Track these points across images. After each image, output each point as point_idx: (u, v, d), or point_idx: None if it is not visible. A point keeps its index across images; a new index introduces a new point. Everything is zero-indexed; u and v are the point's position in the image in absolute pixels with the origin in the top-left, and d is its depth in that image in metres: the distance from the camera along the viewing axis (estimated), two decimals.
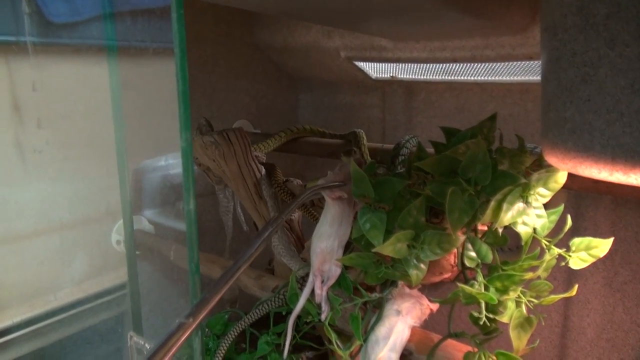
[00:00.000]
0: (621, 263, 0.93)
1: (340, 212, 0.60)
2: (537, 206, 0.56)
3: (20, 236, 1.01)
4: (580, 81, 0.41)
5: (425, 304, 0.61)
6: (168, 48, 0.57)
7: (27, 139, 1.05)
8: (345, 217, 0.60)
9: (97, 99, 1.08)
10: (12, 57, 1.07)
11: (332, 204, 0.60)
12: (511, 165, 0.57)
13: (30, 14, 1.09)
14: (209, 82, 1.16)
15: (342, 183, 0.58)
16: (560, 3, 0.42)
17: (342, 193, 0.58)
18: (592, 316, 0.97)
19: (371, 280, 0.58)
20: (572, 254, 0.57)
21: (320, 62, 1.19)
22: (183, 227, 1.10)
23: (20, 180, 1.01)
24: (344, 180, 0.58)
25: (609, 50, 0.39)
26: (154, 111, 1.02)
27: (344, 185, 0.57)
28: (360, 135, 0.94)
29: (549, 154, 0.47)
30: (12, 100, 1.05)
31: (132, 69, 1.19)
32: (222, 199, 1.00)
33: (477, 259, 0.57)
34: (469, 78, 1.08)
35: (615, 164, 0.39)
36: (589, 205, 0.96)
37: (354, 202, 0.60)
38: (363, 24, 0.85)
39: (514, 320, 0.56)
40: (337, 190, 0.57)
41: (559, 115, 0.44)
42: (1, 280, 0.99)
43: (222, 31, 1.16)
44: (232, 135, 0.86)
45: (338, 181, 0.58)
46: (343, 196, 0.58)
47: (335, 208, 0.60)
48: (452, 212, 0.53)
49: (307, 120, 1.38)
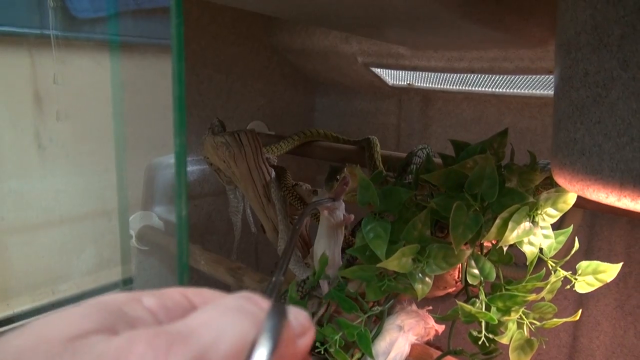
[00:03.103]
0: (634, 286, 0.90)
1: (334, 224, 0.63)
2: (544, 226, 0.54)
3: (28, 227, 1.03)
4: (592, 102, 0.40)
5: (430, 324, 0.60)
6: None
7: (46, 130, 1.06)
8: (339, 228, 0.65)
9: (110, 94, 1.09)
10: (35, 50, 1.10)
11: (327, 218, 0.63)
12: (520, 182, 0.56)
13: (55, 8, 1.11)
14: (225, 83, 1.16)
15: (332, 199, 0.62)
16: (574, 21, 0.41)
17: (333, 207, 0.62)
18: (602, 338, 0.95)
19: (373, 296, 0.57)
20: (579, 277, 0.55)
21: (337, 67, 1.19)
22: (192, 225, 1.11)
23: (34, 172, 1.03)
24: (335, 196, 0.62)
25: (622, 72, 0.37)
26: (160, 107, 1.02)
27: (334, 201, 0.62)
28: (373, 143, 0.93)
29: (558, 175, 0.46)
30: (34, 92, 1.07)
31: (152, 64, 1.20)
32: (232, 200, 1.00)
33: (480, 277, 0.55)
34: (486, 89, 1.06)
35: (623, 190, 0.38)
36: (605, 225, 0.93)
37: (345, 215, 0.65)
38: (380, 32, 0.84)
39: (514, 342, 0.55)
40: (329, 205, 0.62)
41: (569, 136, 0.43)
42: (9, 270, 1.00)
43: (240, 33, 1.16)
44: (244, 136, 0.86)
45: (329, 197, 0.62)
46: (334, 210, 0.63)
47: (330, 221, 0.63)
48: (456, 227, 0.52)
49: (323, 124, 1.38)
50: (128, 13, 1.06)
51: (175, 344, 0.15)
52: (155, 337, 0.15)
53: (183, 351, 0.15)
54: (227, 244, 1.13)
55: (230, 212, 1.02)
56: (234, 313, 0.17)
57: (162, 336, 0.15)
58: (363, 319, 0.59)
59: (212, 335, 0.15)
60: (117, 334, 0.16)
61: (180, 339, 0.15)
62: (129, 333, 0.15)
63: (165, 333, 0.15)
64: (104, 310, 0.16)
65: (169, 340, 0.15)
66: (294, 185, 0.88)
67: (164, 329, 0.15)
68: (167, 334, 0.15)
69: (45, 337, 0.15)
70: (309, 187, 0.89)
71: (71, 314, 0.16)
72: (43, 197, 1.03)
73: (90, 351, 0.14)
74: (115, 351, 0.14)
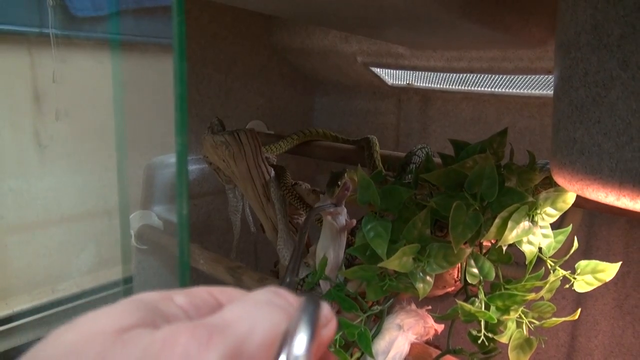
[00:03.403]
0: (633, 286, 0.90)
1: (337, 228, 0.65)
2: (543, 225, 0.55)
3: (27, 226, 1.03)
4: (592, 102, 0.40)
5: (430, 324, 0.60)
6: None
7: (45, 129, 1.06)
8: (342, 233, 0.67)
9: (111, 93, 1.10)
10: (34, 49, 1.09)
11: (330, 222, 0.66)
12: (519, 182, 0.56)
13: (55, 7, 1.11)
14: (225, 82, 1.16)
15: (335, 204, 0.64)
16: (574, 20, 0.41)
17: (336, 212, 0.64)
18: (600, 338, 0.95)
19: (374, 296, 0.57)
20: (578, 277, 0.55)
21: (337, 66, 1.19)
22: (191, 224, 1.11)
23: (34, 171, 1.03)
24: (337, 201, 0.65)
25: (621, 72, 0.37)
26: (161, 107, 1.02)
27: (337, 206, 0.64)
28: (373, 142, 0.93)
29: (557, 174, 0.46)
30: (33, 91, 1.07)
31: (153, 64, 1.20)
32: (232, 199, 1.00)
33: (479, 276, 0.56)
34: (486, 89, 1.06)
35: (622, 189, 0.38)
36: (603, 224, 0.94)
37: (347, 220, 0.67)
38: (380, 31, 0.84)
39: (514, 341, 0.55)
40: (332, 210, 0.64)
41: (569, 135, 0.43)
42: (8, 269, 1.00)
43: (240, 32, 1.16)
44: (243, 135, 0.86)
45: (331, 202, 0.65)
46: (337, 215, 0.65)
47: (333, 225, 0.65)
48: (456, 226, 0.52)
49: (322, 123, 1.38)
50: (128, 12, 1.06)
51: (215, 334, 0.16)
52: (196, 328, 0.16)
53: (222, 341, 0.16)
54: (226, 243, 1.13)
55: (230, 211, 1.02)
56: (265, 306, 0.18)
57: (202, 328, 0.16)
58: (363, 319, 0.59)
59: (246, 326, 0.17)
60: (158, 328, 0.17)
61: (218, 330, 0.16)
62: (171, 326, 0.16)
63: (205, 325, 0.16)
64: (142, 307, 0.18)
65: (209, 331, 0.16)
66: (293, 184, 0.88)
67: (203, 322, 0.17)
68: (206, 326, 0.16)
69: (95, 331, 0.16)
70: (309, 187, 0.89)
71: (113, 311, 0.17)
72: (42, 196, 1.03)
73: (139, 342, 0.16)
74: (161, 342, 0.16)
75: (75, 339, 0.16)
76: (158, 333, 0.16)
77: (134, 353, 0.15)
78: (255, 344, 0.16)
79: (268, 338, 0.17)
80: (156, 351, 0.15)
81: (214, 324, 0.17)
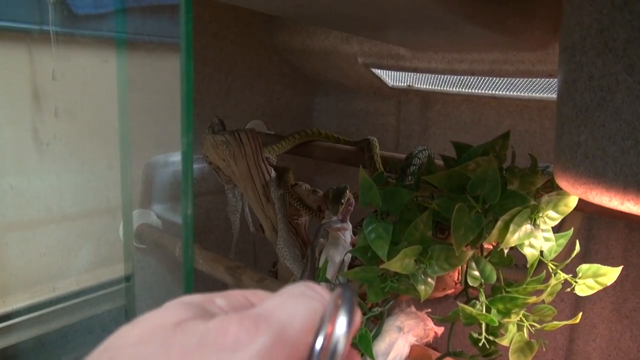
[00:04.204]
0: (631, 289, 0.91)
1: (342, 239, 0.71)
2: (545, 229, 0.55)
3: (28, 224, 1.03)
4: (596, 106, 0.40)
5: (429, 326, 0.60)
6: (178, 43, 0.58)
7: (44, 127, 1.06)
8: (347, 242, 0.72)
9: (113, 90, 1.09)
10: (34, 46, 1.09)
11: (334, 234, 0.70)
12: (521, 185, 0.56)
13: (55, 4, 1.11)
14: (225, 82, 1.16)
15: (340, 220, 0.70)
16: (580, 24, 0.41)
17: (341, 227, 0.70)
18: (598, 341, 0.95)
19: (375, 297, 0.57)
20: (579, 280, 0.55)
21: (337, 67, 1.19)
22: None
23: (34, 169, 1.03)
24: (342, 217, 0.71)
25: (627, 76, 0.37)
26: (165, 106, 1.02)
27: (341, 222, 0.71)
28: (373, 144, 0.93)
29: (560, 178, 0.46)
30: (32, 88, 1.07)
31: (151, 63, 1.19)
32: (231, 199, 1.00)
33: (481, 279, 0.56)
34: (486, 91, 1.06)
35: (626, 193, 0.38)
36: (602, 228, 0.94)
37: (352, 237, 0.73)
38: (382, 33, 0.84)
39: (514, 344, 0.55)
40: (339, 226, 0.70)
41: (573, 139, 0.43)
42: (8, 266, 1.00)
43: (241, 32, 1.16)
44: (244, 135, 0.86)
45: (337, 218, 0.71)
46: (342, 229, 0.71)
47: (337, 237, 0.70)
48: (458, 228, 0.52)
49: (322, 124, 1.38)
50: (130, 10, 1.05)
51: (260, 322, 0.18)
52: (243, 319, 0.18)
53: (267, 327, 0.18)
54: (225, 242, 1.13)
55: (229, 211, 1.02)
56: (300, 297, 0.20)
57: (248, 318, 0.18)
58: (363, 320, 0.59)
59: (287, 314, 0.19)
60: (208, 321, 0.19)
61: (263, 319, 0.18)
62: (221, 317, 0.19)
63: (250, 316, 0.19)
64: (190, 306, 0.20)
65: (255, 320, 0.18)
66: (293, 185, 0.88)
67: (248, 313, 0.19)
68: (252, 316, 0.19)
69: (157, 324, 0.19)
70: (309, 187, 0.89)
71: (168, 310, 0.20)
72: (42, 194, 1.03)
73: (196, 330, 0.18)
74: (215, 330, 0.18)
75: (141, 331, 0.19)
76: (211, 323, 0.18)
77: (192, 340, 0.18)
78: (297, 329, 0.18)
79: (307, 323, 0.19)
80: (212, 338, 0.18)
81: (258, 313, 0.19)
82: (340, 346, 0.18)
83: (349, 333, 0.19)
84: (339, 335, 0.19)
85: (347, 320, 0.19)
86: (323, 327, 0.19)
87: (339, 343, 0.18)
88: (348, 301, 0.19)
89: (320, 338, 0.19)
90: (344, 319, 0.19)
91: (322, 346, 0.18)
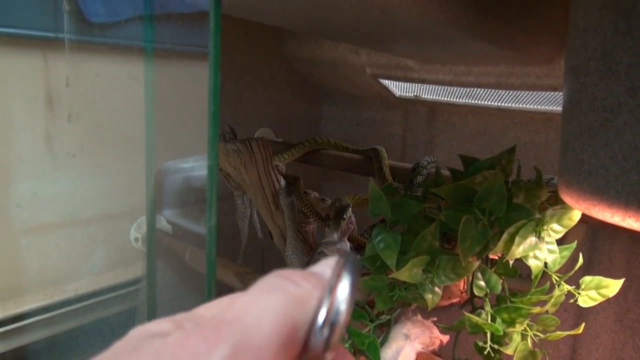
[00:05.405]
0: (634, 300, 0.92)
1: None
2: (549, 241, 0.56)
3: (44, 227, 1.05)
4: (599, 126, 0.42)
5: (435, 334, 0.61)
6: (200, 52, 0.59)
7: (57, 133, 1.08)
8: None
9: (126, 97, 1.11)
10: (49, 53, 1.11)
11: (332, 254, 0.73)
12: (527, 198, 0.58)
13: (70, 13, 1.13)
14: (236, 90, 1.19)
15: (339, 240, 0.73)
16: (584, 47, 0.43)
17: (340, 248, 0.73)
18: (601, 351, 0.96)
19: (383, 305, 0.59)
20: (582, 292, 0.57)
21: (345, 77, 1.21)
22: (200, 229, 1.13)
23: (49, 173, 1.05)
24: (342, 235, 0.74)
25: (629, 99, 0.39)
26: (180, 113, 1.04)
27: (340, 242, 0.74)
28: (382, 155, 0.95)
29: (565, 193, 0.48)
30: (47, 94, 1.09)
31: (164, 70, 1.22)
32: (240, 205, 1.02)
33: (486, 289, 0.57)
34: (492, 103, 1.08)
35: (628, 210, 0.40)
36: (605, 240, 0.95)
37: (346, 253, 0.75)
38: (390, 46, 0.86)
39: (518, 352, 0.56)
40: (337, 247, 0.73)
41: (577, 157, 0.45)
42: (23, 268, 1.02)
43: (252, 41, 1.18)
44: (255, 144, 0.88)
45: (336, 238, 0.74)
46: (340, 250, 0.75)
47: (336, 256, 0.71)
48: (464, 240, 0.54)
49: (329, 132, 1.40)
50: (151, 18, 1.08)
51: (222, 329, 0.16)
52: (205, 327, 0.17)
53: (229, 334, 0.16)
54: (233, 248, 1.15)
55: (238, 217, 1.04)
56: (270, 291, 0.18)
57: (210, 325, 0.17)
58: (371, 328, 0.60)
59: (253, 316, 0.17)
60: None
61: (225, 324, 0.17)
62: (182, 330, 0.17)
63: (212, 322, 0.17)
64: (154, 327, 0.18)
65: (216, 327, 0.17)
66: (303, 193, 0.90)
67: (212, 320, 0.17)
68: (214, 322, 0.17)
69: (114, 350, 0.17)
70: (317, 195, 0.91)
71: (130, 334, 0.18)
72: (55, 198, 1.05)
73: (151, 348, 0.16)
74: (173, 344, 0.16)
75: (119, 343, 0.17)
76: (170, 337, 0.17)
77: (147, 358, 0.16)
78: (264, 331, 0.17)
79: (278, 321, 0.17)
80: (169, 352, 0.16)
81: (222, 319, 0.17)
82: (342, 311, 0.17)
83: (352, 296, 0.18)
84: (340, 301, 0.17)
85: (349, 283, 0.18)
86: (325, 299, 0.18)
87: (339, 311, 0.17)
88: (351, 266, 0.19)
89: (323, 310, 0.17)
90: (346, 283, 0.18)
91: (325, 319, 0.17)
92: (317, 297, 0.18)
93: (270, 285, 0.18)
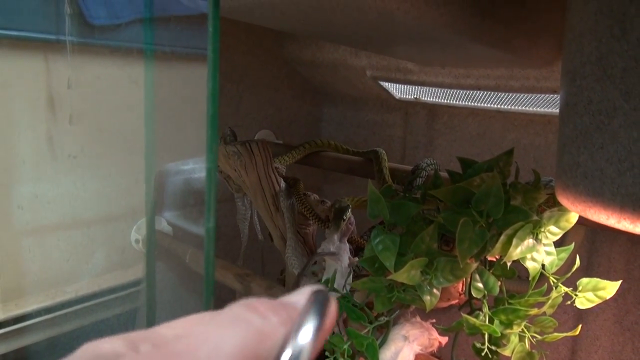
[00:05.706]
0: (633, 302, 0.92)
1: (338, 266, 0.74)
2: (547, 243, 0.57)
3: (45, 228, 1.05)
4: (595, 129, 0.42)
5: (434, 336, 0.62)
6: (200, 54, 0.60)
7: (59, 134, 1.09)
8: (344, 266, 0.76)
9: (127, 99, 1.12)
10: (51, 55, 1.12)
11: (330, 263, 0.75)
12: (524, 200, 0.58)
13: (72, 15, 1.14)
14: (236, 92, 1.19)
15: (335, 252, 0.74)
16: (580, 51, 0.44)
17: (336, 258, 0.74)
18: (600, 353, 0.97)
19: (382, 307, 0.59)
20: (579, 294, 0.57)
21: (346, 79, 1.22)
22: (200, 231, 1.13)
23: (50, 175, 1.05)
24: (342, 236, 0.75)
25: (624, 102, 0.40)
26: (180, 115, 1.05)
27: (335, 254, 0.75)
28: (382, 156, 0.95)
29: (561, 195, 0.48)
30: (48, 96, 1.10)
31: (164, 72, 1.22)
32: (240, 207, 1.03)
33: (484, 290, 0.58)
34: (492, 105, 1.08)
35: (623, 213, 0.40)
36: (604, 242, 0.95)
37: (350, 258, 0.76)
38: (389, 48, 0.87)
39: (516, 354, 0.57)
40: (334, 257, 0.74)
41: (573, 159, 0.45)
42: (24, 269, 1.02)
43: (252, 43, 1.19)
44: (255, 146, 0.89)
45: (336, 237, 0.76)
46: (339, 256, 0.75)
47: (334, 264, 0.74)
48: (462, 241, 0.54)
49: (329, 134, 1.41)
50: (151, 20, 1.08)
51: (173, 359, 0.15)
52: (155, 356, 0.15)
53: None
54: (233, 250, 1.15)
55: (238, 219, 1.04)
56: (232, 323, 0.17)
57: (161, 356, 0.16)
58: (370, 329, 0.61)
59: (207, 350, 0.16)
60: None
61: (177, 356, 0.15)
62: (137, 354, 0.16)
63: (164, 353, 0.16)
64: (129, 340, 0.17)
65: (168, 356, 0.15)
66: (303, 195, 0.91)
67: (163, 349, 0.16)
68: (165, 354, 0.16)
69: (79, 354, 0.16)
70: (317, 197, 0.91)
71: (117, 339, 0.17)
72: (56, 200, 1.06)
73: None
74: None
75: None
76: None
77: None
78: None
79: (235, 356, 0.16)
80: None
81: (173, 350, 0.16)
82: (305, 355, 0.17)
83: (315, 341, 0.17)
84: (302, 345, 0.17)
85: (313, 328, 0.17)
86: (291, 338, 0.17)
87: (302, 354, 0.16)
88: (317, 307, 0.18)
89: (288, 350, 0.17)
90: (310, 326, 0.17)
91: None
92: (283, 332, 0.17)
93: (235, 315, 0.17)
